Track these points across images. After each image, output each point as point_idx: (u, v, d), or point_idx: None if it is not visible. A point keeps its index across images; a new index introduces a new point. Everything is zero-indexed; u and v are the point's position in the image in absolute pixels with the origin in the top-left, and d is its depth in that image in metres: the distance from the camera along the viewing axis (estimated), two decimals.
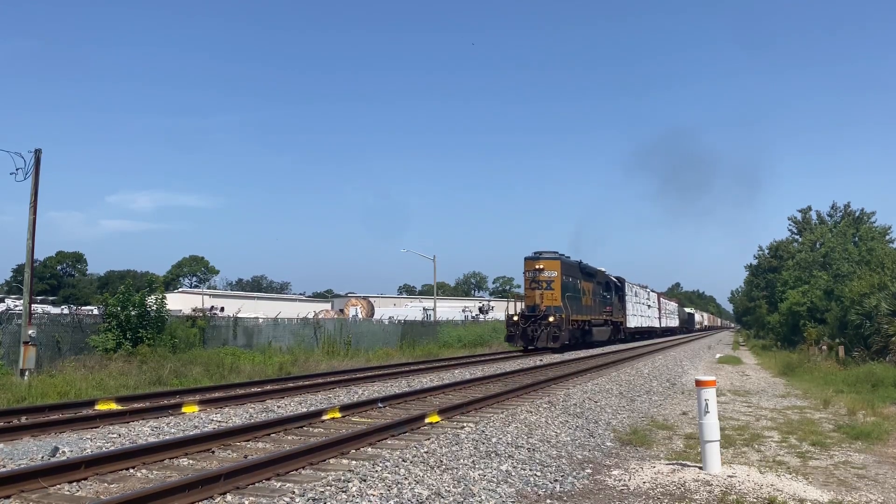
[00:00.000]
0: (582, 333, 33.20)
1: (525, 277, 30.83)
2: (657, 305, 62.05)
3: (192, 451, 7.53)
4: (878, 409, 12.42)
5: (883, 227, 51.76)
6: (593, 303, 36.11)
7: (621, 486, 6.73)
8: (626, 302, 46.08)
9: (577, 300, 32.51)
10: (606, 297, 39.71)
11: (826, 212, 58.33)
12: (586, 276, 35.15)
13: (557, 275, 30.02)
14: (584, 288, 34.12)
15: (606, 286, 40.49)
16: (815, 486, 6.83)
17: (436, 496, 5.92)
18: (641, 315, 52.32)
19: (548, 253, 30.99)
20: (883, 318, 23.44)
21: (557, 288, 29.88)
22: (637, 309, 50.53)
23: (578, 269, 34.06)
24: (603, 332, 37.32)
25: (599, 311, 37.27)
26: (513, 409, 11.38)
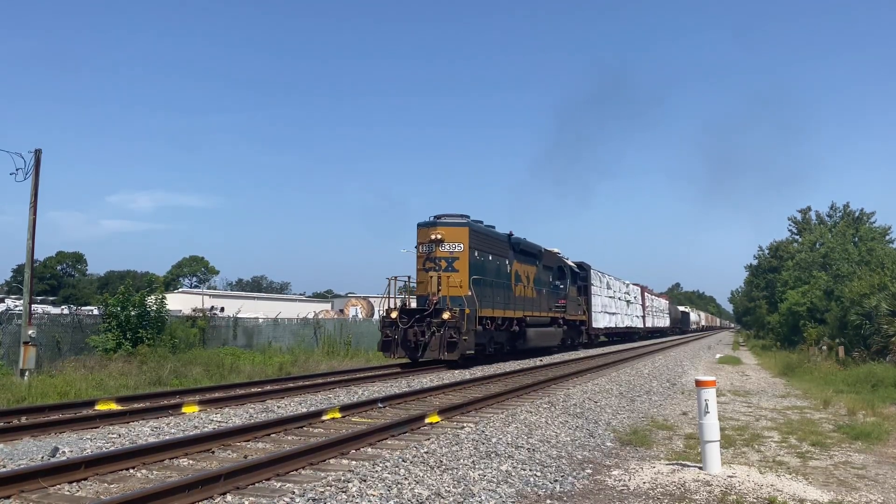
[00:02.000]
0: (509, 337, 23.71)
1: (418, 254, 20.84)
2: (640, 301, 53.05)
3: (192, 452, 7.52)
4: (878, 409, 12.42)
5: (883, 227, 51.80)
6: (536, 294, 26.60)
7: (621, 487, 6.73)
8: (593, 295, 36.71)
9: (501, 288, 22.81)
10: (558, 288, 29.91)
11: (825, 212, 58.40)
12: (522, 256, 25.53)
13: (464, 249, 20.37)
14: (516, 272, 24.62)
15: (559, 273, 30.59)
16: (815, 486, 6.83)
17: (436, 496, 5.92)
18: (616, 312, 43.06)
19: (450, 217, 20.91)
20: (883, 318, 23.43)
21: (464, 268, 20.20)
22: (609, 304, 41.21)
23: (506, 245, 24.17)
24: (549, 334, 27.49)
25: (544, 306, 27.38)
26: (513, 409, 11.37)
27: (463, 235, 20.66)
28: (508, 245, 24.40)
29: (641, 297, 53.80)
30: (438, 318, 19.08)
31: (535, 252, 27.36)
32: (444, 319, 18.93)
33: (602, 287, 39.95)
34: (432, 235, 20.41)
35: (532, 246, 27.13)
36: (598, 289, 38.50)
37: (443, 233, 20.53)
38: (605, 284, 40.91)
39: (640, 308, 52.75)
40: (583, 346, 34.93)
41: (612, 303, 42.37)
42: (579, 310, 33.61)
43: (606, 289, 41.19)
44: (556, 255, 31.10)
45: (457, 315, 18.96)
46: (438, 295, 19.83)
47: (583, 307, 34.51)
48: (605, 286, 41.03)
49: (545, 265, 28.49)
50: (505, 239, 24.26)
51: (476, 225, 21.69)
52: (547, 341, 27.42)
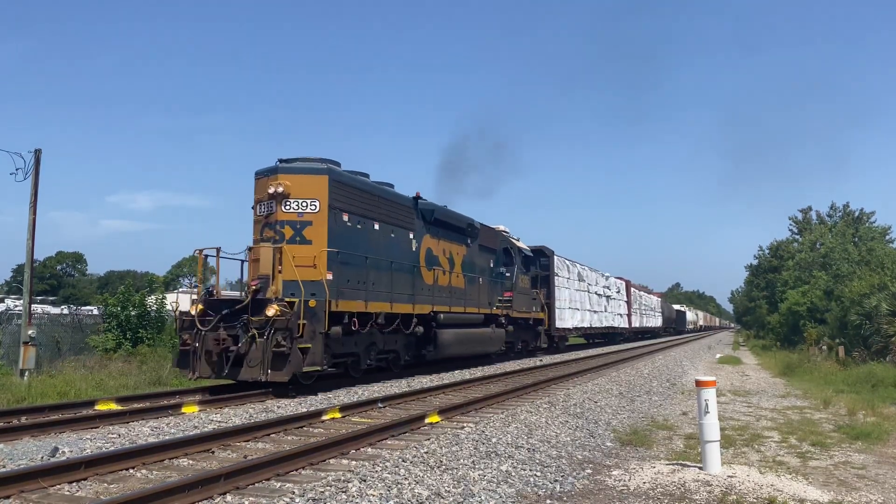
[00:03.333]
0: (411, 343, 17.14)
1: (254, 218, 14.17)
2: (624, 298, 46.64)
3: (191, 452, 7.52)
4: (878, 409, 12.42)
5: (883, 227, 51.84)
6: (465, 282, 20.05)
7: (621, 487, 6.73)
8: (556, 288, 29.94)
9: (398, 272, 16.19)
10: (502, 276, 23.33)
11: (826, 212, 58.43)
12: (439, 230, 18.71)
13: (321, 210, 13.69)
14: (429, 251, 18.08)
15: (505, 257, 23.90)
16: (815, 486, 6.83)
17: (436, 496, 5.92)
18: (591, 309, 36.54)
19: (302, 162, 14.29)
20: (883, 318, 23.43)
21: (319, 238, 13.57)
22: (580, 300, 34.33)
23: (409, 212, 17.30)
24: (481, 338, 20.58)
25: (477, 299, 20.66)
26: (513, 409, 11.37)
27: (319, 188, 13.71)
28: (414, 212, 17.44)
29: (626, 293, 47.23)
30: (261, 314, 12.34)
31: (461, 226, 20.18)
32: (268, 317, 12.21)
33: (570, 278, 32.91)
34: (271, 188, 13.54)
35: (457, 217, 19.99)
36: (563, 280, 31.47)
37: (287, 183, 13.56)
38: (574, 275, 33.84)
39: (623, 305, 46.12)
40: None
41: (585, 298, 35.41)
42: (534, 306, 26.45)
43: (577, 280, 34.21)
44: (501, 233, 24.33)
45: (288, 314, 12.25)
46: (276, 281, 12.97)
47: (540, 302, 27.34)
48: (576, 277, 34.08)
49: (482, 245, 21.82)
50: (407, 203, 17.20)
51: (343, 174, 14.67)
52: (477, 347, 20.49)
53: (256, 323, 12.37)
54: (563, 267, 32.05)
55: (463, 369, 19.41)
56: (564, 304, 31.34)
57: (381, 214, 15.92)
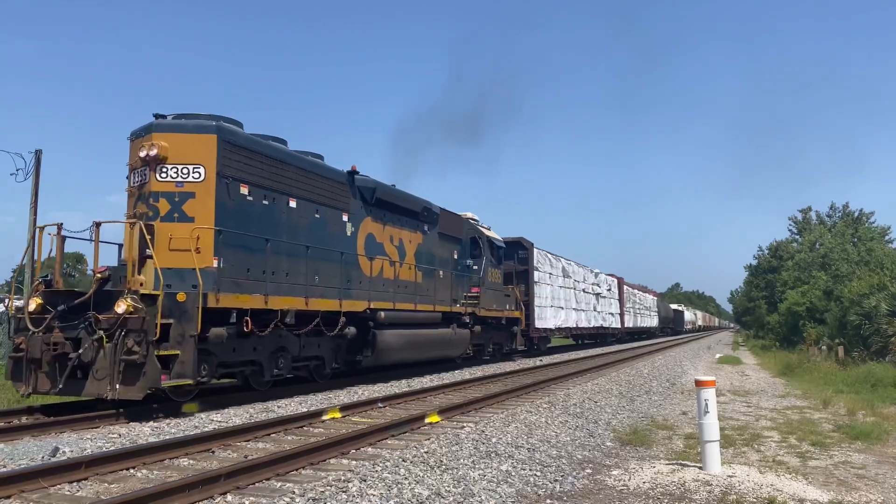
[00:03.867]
0: (340, 347, 14.29)
1: (127, 189, 11.52)
2: (616, 296, 43.94)
3: (192, 452, 7.53)
4: (877, 409, 12.44)
5: (882, 227, 51.88)
6: (421, 276, 17.34)
7: (621, 486, 6.73)
8: (536, 284, 27.53)
9: (323, 261, 13.46)
10: (468, 270, 20.40)
11: (825, 212, 58.50)
12: (385, 214, 16.00)
13: (208, 175, 11.03)
14: (371, 237, 15.36)
15: (472, 248, 20.91)
16: (815, 485, 6.84)
17: (436, 496, 5.93)
18: (575, 308, 33.27)
19: (186, 119, 11.45)
20: (882, 318, 23.46)
21: (204, 212, 10.94)
22: (565, 297, 31.55)
23: (343, 189, 14.54)
24: (437, 340, 17.60)
25: (435, 294, 17.98)
26: (513, 409, 11.38)
27: (205, 150, 11.03)
28: (349, 189, 14.53)
29: (619, 291, 44.54)
30: (110, 311, 9.70)
31: (415, 210, 17.33)
32: (118, 316, 9.56)
33: (554, 274, 30.12)
34: (143, 150, 10.85)
35: (409, 199, 17.09)
36: (545, 275, 28.89)
37: (163, 144, 10.85)
38: (558, 271, 30.99)
39: (615, 304, 43.38)
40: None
41: (570, 295, 32.45)
42: (508, 303, 23.43)
43: (561, 276, 31.34)
44: (468, 221, 21.28)
45: (141, 311, 9.60)
46: (146, 268, 10.38)
47: (516, 299, 24.35)
48: (560, 273, 31.18)
49: (444, 234, 19.04)
50: (340, 179, 14.30)
51: (240, 135, 11.84)
52: (433, 350, 17.63)
53: (105, 322, 9.60)
54: (544, 261, 29.18)
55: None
56: (546, 302, 28.69)
57: (300, 189, 12.96)
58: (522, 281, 26.86)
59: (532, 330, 26.81)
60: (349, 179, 14.82)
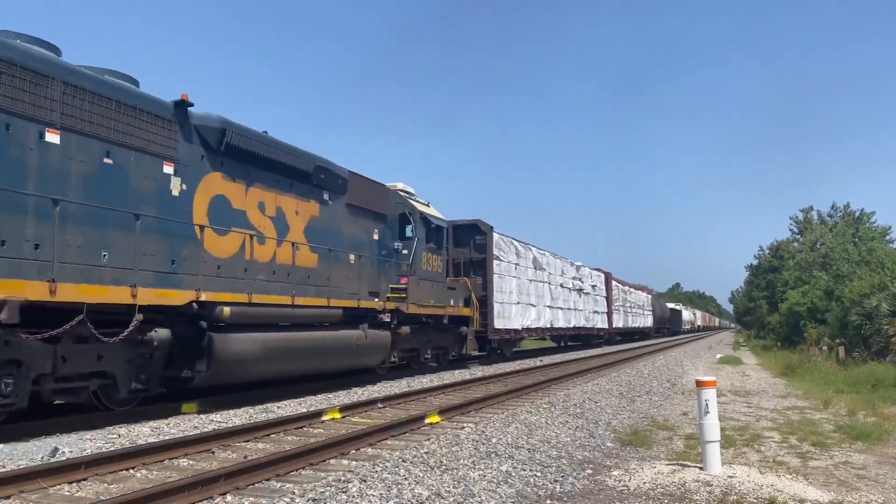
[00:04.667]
0: (142, 360, 9.71)
1: None
2: (603, 293, 39.38)
3: (191, 452, 7.52)
4: (878, 409, 12.42)
5: (883, 227, 51.89)
6: (318, 259, 13.45)
7: (621, 487, 6.73)
8: (497, 275, 22.90)
9: (72, 224, 8.56)
10: (395, 254, 16.67)
11: (826, 212, 58.53)
12: (241, 164, 11.54)
13: None
14: (222, 200, 11.16)
15: (400, 227, 17.07)
16: (816, 486, 6.83)
17: (436, 496, 5.92)
18: (550, 305, 28.50)
19: None
20: (883, 318, 23.43)
21: None
22: (535, 293, 26.63)
23: (171, 123, 10.16)
24: (341, 345, 13.61)
25: (334, 284, 13.80)
26: (513, 409, 11.37)
27: None
28: (177, 128, 10.39)
29: (606, 288, 40.21)
30: None
31: (304, 170, 13.11)
32: None
33: (521, 265, 25.34)
34: None
35: (292, 154, 12.78)
36: (508, 266, 24.01)
37: None
38: (527, 261, 26.21)
39: (602, 301, 38.91)
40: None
41: (544, 290, 27.84)
42: (453, 297, 19.18)
43: (531, 269, 26.52)
44: (395, 193, 17.17)
45: None
46: None
47: (467, 294, 20.35)
48: (530, 265, 26.43)
49: (355, 206, 14.85)
50: (161, 112, 10.12)
51: None
52: (328, 360, 13.44)
53: None
54: (508, 249, 24.29)
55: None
56: (510, 298, 23.84)
57: (71, 118, 8.71)
58: (479, 272, 22.40)
59: (490, 331, 22.06)
60: (177, 114, 10.35)
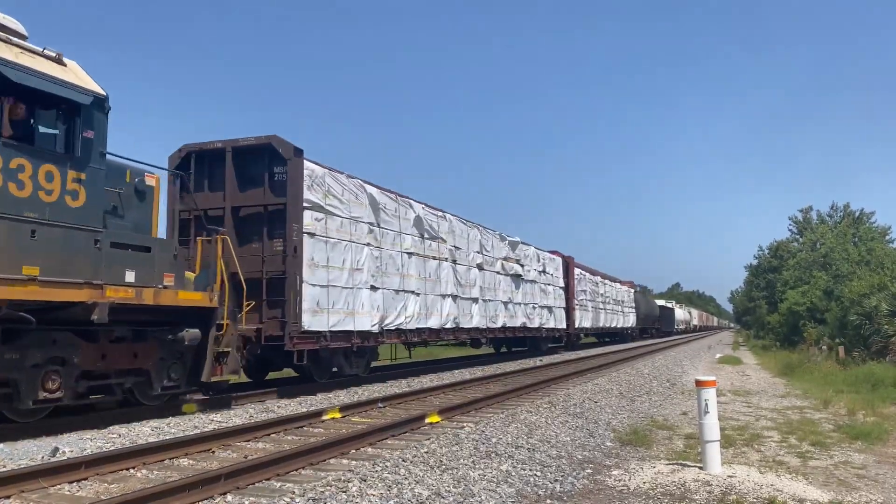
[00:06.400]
0: None
1: None
2: (561, 283, 31.05)
3: (192, 452, 7.53)
4: (877, 409, 12.42)
5: (882, 227, 51.90)
6: None
7: (621, 487, 6.73)
8: (311, 236, 13.28)
9: None
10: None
11: (826, 212, 58.54)
12: None
13: None
14: None
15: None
16: (815, 486, 6.84)
17: (436, 496, 5.92)
18: (447, 294, 19.17)
19: None
20: (882, 318, 23.44)
21: None
22: (417, 272, 17.51)
23: None
24: None
25: None
26: (513, 409, 11.37)
27: None
28: None
29: (564, 276, 31.86)
30: None
31: None
32: None
33: (384, 227, 16.23)
34: None
35: None
36: (345, 224, 14.63)
37: None
38: (400, 223, 17.04)
39: (557, 294, 30.21)
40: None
41: (441, 272, 18.85)
42: (168, 271, 9.81)
43: (411, 237, 17.49)
44: None
45: None
46: None
47: (218, 266, 10.98)
48: (408, 228, 17.39)
49: None
50: None
51: None
52: None
53: None
54: (343, 195, 14.58)
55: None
56: (349, 279, 14.41)
57: None
58: (278, 230, 13.08)
59: (292, 336, 12.58)
60: None
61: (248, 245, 13.18)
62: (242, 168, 13.48)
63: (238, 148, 13.45)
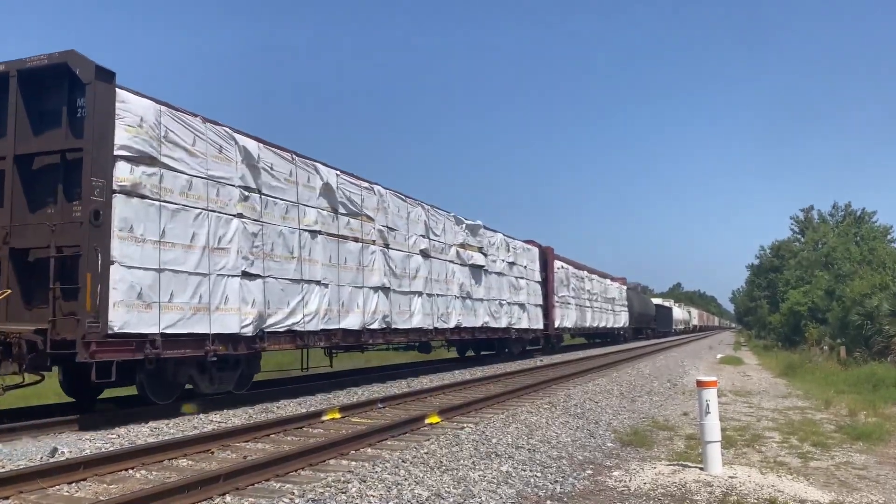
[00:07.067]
0: None
1: None
2: (536, 277, 27.05)
3: (191, 452, 7.51)
4: (879, 409, 12.39)
5: (884, 226, 51.83)
6: None
7: (622, 487, 6.71)
8: (127, 197, 9.36)
9: None
10: None
11: (828, 211, 58.50)
12: None
13: None
14: None
15: None
16: (816, 486, 6.82)
17: (436, 497, 5.91)
18: (374, 286, 14.95)
19: None
20: (884, 318, 23.43)
21: None
22: (307, 253, 12.80)
23: None
24: None
25: None
26: (513, 409, 11.35)
27: None
28: None
29: (543, 270, 28.07)
30: None
31: None
32: None
33: (266, 192, 12.03)
34: None
35: None
36: (204, 187, 10.70)
37: None
38: (299, 189, 12.98)
39: (531, 289, 26.33)
40: None
41: (365, 256, 14.95)
42: None
43: (316, 209, 13.39)
44: None
45: None
46: None
47: None
48: (312, 198, 13.36)
49: None
50: None
51: None
52: None
53: None
54: (203, 145, 10.88)
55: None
56: (195, 261, 10.48)
57: None
58: (78, 188, 9.44)
59: (90, 347, 8.83)
60: None
61: (42, 210, 9.70)
62: (34, 101, 9.88)
63: (26, 71, 9.71)
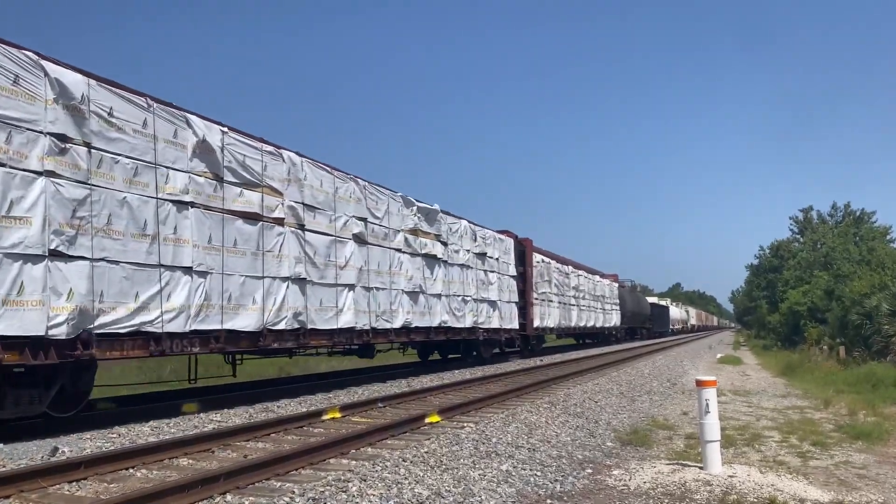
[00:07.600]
0: None
1: None
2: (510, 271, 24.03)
3: (191, 451, 7.52)
4: (878, 409, 12.41)
5: (883, 226, 51.86)
6: None
7: (622, 486, 6.72)
8: None
9: None
10: None
11: (827, 211, 58.53)
12: None
13: None
14: None
15: None
16: (816, 486, 6.83)
17: (436, 496, 5.92)
18: (283, 276, 12.26)
19: None
20: (883, 318, 23.41)
21: None
22: (174, 231, 10.02)
23: None
24: None
25: None
26: (513, 408, 11.36)
27: None
28: None
29: (518, 263, 25.12)
30: None
31: None
32: None
33: (107, 151, 9.11)
34: None
35: None
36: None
37: None
38: (167, 146, 10.07)
39: (504, 284, 23.37)
40: None
41: (278, 242, 12.37)
42: None
43: (199, 178, 10.65)
44: None
45: None
46: None
47: None
48: (188, 162, 10.44)
49: None
50: None
51: None
52: None
53: None
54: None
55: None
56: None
57: None
58: None
59: None
60: None
61: None
62: None
63: None
